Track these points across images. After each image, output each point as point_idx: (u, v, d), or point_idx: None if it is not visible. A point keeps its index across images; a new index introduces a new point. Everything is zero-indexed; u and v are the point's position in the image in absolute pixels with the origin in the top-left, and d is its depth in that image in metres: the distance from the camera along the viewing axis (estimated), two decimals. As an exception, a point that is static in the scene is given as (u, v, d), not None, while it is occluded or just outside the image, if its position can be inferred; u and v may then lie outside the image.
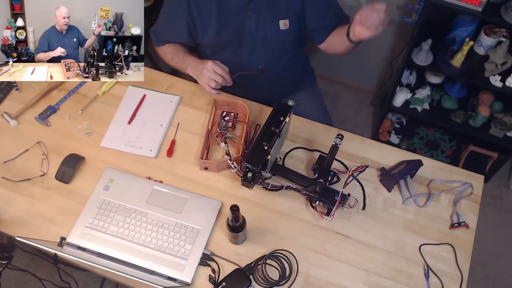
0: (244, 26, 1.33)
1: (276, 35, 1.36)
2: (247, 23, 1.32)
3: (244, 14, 1.30)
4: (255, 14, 1.30)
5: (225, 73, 1.28)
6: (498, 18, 1.62)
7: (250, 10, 1.29)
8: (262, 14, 1.30)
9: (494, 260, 2.15)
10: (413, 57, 1.92)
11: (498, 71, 1.83)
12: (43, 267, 1.98)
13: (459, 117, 2.12)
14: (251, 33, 1.34)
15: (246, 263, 1.17)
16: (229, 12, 1.30)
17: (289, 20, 1.33)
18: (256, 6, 1.29)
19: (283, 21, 1.33)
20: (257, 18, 1.31)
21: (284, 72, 1.51)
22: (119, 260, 1.17)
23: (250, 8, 1.29)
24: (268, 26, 1.33)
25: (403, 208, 1.28)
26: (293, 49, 1.47)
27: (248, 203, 1.27)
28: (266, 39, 1.37)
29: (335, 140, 1.12)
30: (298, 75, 1.62)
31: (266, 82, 1.50)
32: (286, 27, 1.34)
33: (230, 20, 1.32)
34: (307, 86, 1.69)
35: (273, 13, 1.31)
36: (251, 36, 1.35)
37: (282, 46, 1.42)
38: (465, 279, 1.17)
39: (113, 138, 1.38)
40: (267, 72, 1.43)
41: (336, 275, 1.17)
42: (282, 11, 1.31)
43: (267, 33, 1.35)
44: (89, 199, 1.26)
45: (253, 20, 1.31)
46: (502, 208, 2.30)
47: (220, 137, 1.29)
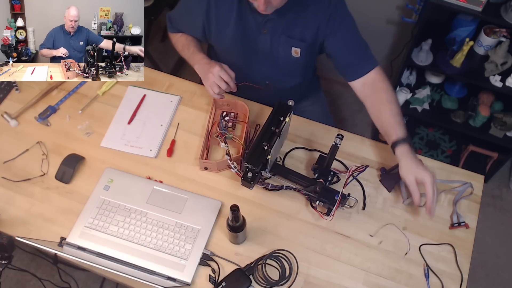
0: (258, 43, 1.32)
1: (287, 58, 1.35)
2: (261, 40, 1.31)
3: (259, 31, 1.29)
4: (270, 33, 1.29)
5: (231, 79, 1.27)
6: (498, 18, 1.62)
7: (266, 28, 1.28)
8: (277, 35, 1.29)
9: (494, 260, 2.15)
10: (413, 57, 1.92)
11: (498, 71, 1.83)
12: (43, 267, 1.98)
13: (459, 117, 2.12)
14: (263, 50, 1.34)
15: (246, 263, 1.17)
16: (247, 26, 1.29)
17: (301, 50, 1.32)
18: (273, 26, 1.27)
19: (295, 49, 1.32)
20: (272, 38, 1.30)
21: (291, 89, 1.51)
22: (119, 260, 1.17)
23: (267, 27, 1.28)
24: (281, 48, 1.32)
25: (403, 208, 1.28)
26: (302, 74, 1.47)
27: (248, 203, 1.27)
28: (278, 60, 1.36)
29: (335, 140, 1.12)
30: (304, 88, 1.61)
31: (271, 95, 1.49)
32: (297, 55, 1.33)
33: (246, 34, 1.31)
34: (312, 94, 1.68)
35: (288, 38, 1.30)
36: (263, 53, 1.35)
37: (291, 70, 1.42)
38: (465, 279, 1.17)
39: (113, 138, 1.38)
40: (272, 86, 1.42)
41: (336, 275, 1.17)
42: (296, 39, 1.30)
43: (279, 54, 1.34)
44: (89, 199, 1.26)
45: (267, 39, 1.31)
46: (502, 208, 2.30)
47: (220, 137, 1.29)
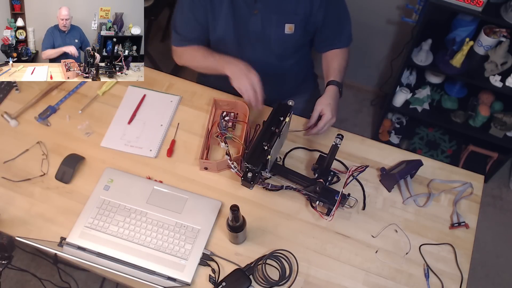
0: (250, 25, 1.32)
1: (280, 38, 1.35)
2: (252, 21, 1.31)
3: (251, 12, 1.29)
4: (261, 13, 1.29)
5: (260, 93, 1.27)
6: (498, 18, 1.62)
7: (257, 8, 1.28)
8: (268, 14, 1.30)
9: (494, 260, 2.15)
10: (413, 57, 1.92)
11: (498, 71, 1.83)
12: (43, 267, 1.98)
13: (459, 117, 2.12)
14: (255, 32, 1.34)
15: (246, 263, 1.17)
16: (237, 8, 1.29)
17: (295, 24, 1.32)
18: (264, 6, 1.28)
19: (289, 25, 1.32)
20: (263, 18, 1.30)
21: (285, 75, 1.51)
22: (119, 260, 1.17)
23: (257, 7, 1.28)
24: (273, 28, 1.32)
25: (403, 208, 1.28)
26: (296, 54, 1.46)
27: (248, 203, 1.27)
28: (270, 40, 1.36)
29: (335, 140, 1.12)
30: (299, 79, 1.61)
31: (266, 82, 1.50)
32: (291, 31, 1.33)
33: (237, 17, 1.31)
34: (306, 92, 1.67)
35: (280, 15, 1.30)
36: (256, 35, 1.34)
37: (285, 50, 1.42)
38: (465, 279, 1.17)
39: (113, 138, 1.38)
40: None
41: (336, 275, 1.17)
42: (289, 14, 1.30)
43: (271, 34, 1.34)
44: (89, 199, 1.26)
45: (258, 19, 1.30)
46: (502, 208, 2.30)
47: (220, 137, 1.29)
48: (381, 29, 2.18)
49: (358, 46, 2.31)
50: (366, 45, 2.31)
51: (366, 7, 2.08)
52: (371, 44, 2.30)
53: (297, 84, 1.62)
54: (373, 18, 2.13)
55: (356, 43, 2.33)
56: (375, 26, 2.17)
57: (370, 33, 2.23)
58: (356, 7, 2.15)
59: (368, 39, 2.27)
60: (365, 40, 2.26)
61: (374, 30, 2.19)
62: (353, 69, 2.49)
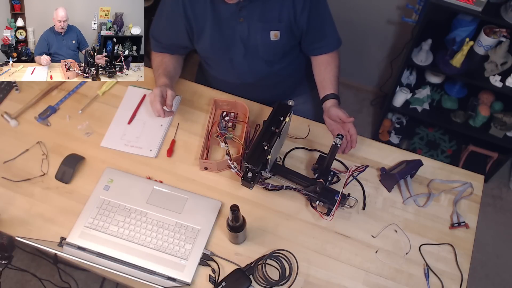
0: (236, 32, 1.32)
1: (266, 45, 1.35)
2: (238, 29, 1.31)
3: (236, 20, 1.29)
4: (246, 21, 1.29)
5: (161, 100, 1.24)
6: (498, 18, 1.62)
7: (242, 17, 1.28)
8: (253, 22, 1.29)
9: (494, 260, 2.15)
10: (413, 57, 1.92)
11: (498, 71, 1.83)
12: (43, 267, 1.98)
13: (459, 117, 2.12)
14: (242, 39, 1.33)
15: (246, 263, 1.17)
16: (222, 18, 1.29)
17: (280, 31, 1.32)
18: (248, 14, 1.28)
19: (274, 33, 1.32)
20: (249, 26, 1.30)
21: (275, 79, 1.50)
22: (119, 260, 1.17)
23: (242, 15, 1.28)
24: (259, 35, 1.32)
25: (403, 208, 1.28)
26: (285, 58, 1.45)
27: (248, 203, 1.27)
28: (257, 47, 1.36)
29: (335, 140, 1.12)
30: (292, 82, 1.60)
31: (257, 87, 1.49)
32: (277, 38, 1.33)
33: (223, 26, 1.31)
34: (302, 93, 1.66)
35: (264, 23, 1.30)
36: (243, 42, 1.34)
37: (273, 56, 1.41)
38: (465, 279, 1.17)
39: (113, 138, 1.38)
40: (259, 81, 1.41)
41: (336, 275, 1.17)
42: (273, 22, 1.30)
43: (258, 41, 1.34)
44: (89, 199, 1.26)
45: (244, 27, 1.30)
46: (502, 208, 2.30)
47: (220, 137, 1.29)
48: (381, 29, 2.18)
49: (358, 46, 2.31)
50: (366, 45, 2.31)
51: (366, 7, 2.08)
52: (371, 44, 2.30)
53: (290, 87, 1.62)
54: (373, 18, 2.13)
55: (356, 43, 2.34)
56: (375, 26, 2.17)
57: (370, 33, 2.23)
58: (356, 7, 2.15)
59: (368, 39, 2.27)
60: (365, 40, 2.26)
61: (374, 30, 2.19)
62: (353, 69, 2.51)
